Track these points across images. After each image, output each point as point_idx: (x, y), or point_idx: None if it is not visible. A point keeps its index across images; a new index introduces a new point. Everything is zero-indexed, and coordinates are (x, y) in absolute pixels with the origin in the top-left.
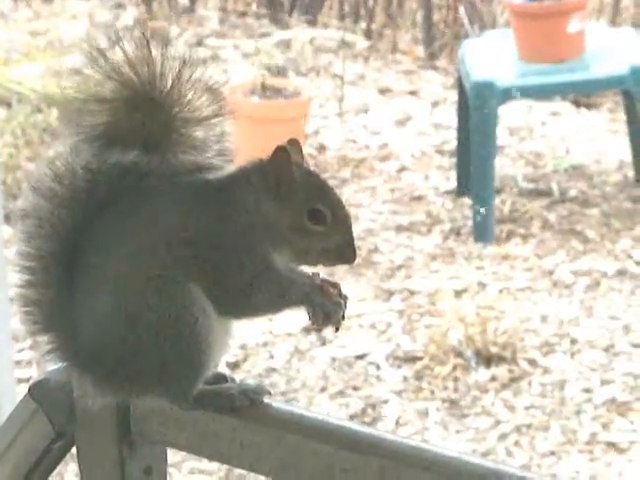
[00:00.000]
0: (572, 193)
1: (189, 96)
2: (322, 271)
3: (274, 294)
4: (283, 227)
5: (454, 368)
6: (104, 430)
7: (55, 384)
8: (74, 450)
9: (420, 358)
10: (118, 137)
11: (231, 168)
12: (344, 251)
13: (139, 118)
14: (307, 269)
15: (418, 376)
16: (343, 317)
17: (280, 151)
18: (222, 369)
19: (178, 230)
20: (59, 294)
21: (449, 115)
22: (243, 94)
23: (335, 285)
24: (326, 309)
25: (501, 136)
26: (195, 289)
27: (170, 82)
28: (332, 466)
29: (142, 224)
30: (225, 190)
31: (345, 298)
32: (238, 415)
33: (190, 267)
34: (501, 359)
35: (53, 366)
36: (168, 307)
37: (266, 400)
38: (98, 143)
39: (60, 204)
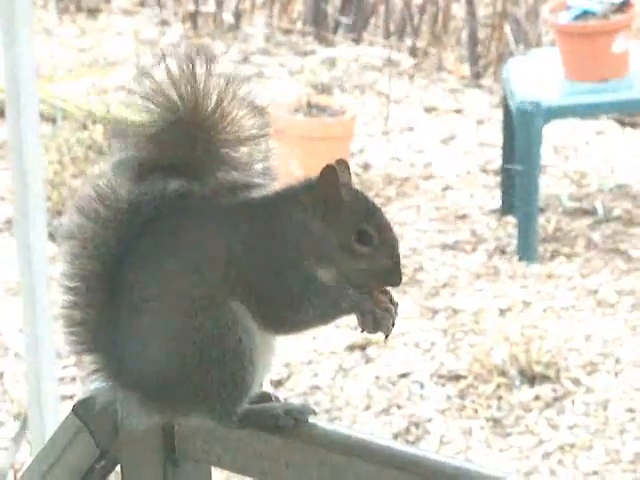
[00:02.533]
0: (616, 212)
1: (233, 114)
2: None
3: (324, 305)
4: (330, 247)
5: (498, 387)
6: (148, 449)
7: (100, 403)
8: (117, 469)
9: (464, 377)
10: (162, 164)
11: (278, 187)
12: (390, 273)
13: (182, 145)
14: None
15: (462, 395)
16: (393, 324)
17: (328, 171)
18: (266, 387)
19: (223, 249)
20: (103, 314)
21: (494, 134)
22: (288, 112)
23: (386, 292)
24: (376, 315)
25: (546, 155)
26: (239, 308)
27: (214, 101)
28: None
29: (185, 243)
30: (272, 208)
31: (396, 304)
32: (283, 434)
33: (235, 286)
34: (545, 378)
35: (97, 384)
36: (212, 327)
37: (311, 420)
38: (141, 170)
39: (103, 225)
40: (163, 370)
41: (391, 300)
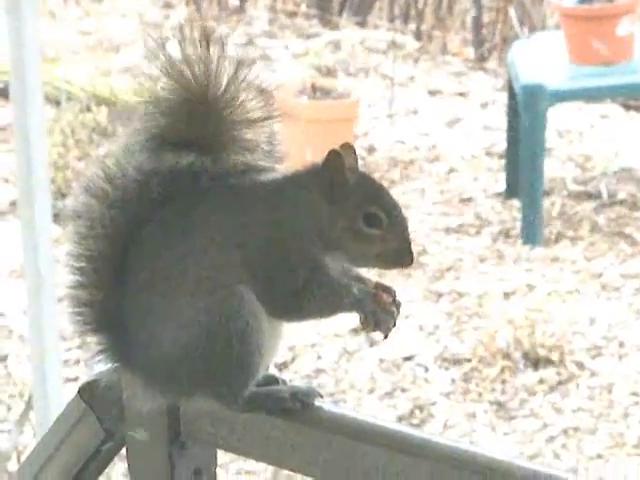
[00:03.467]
0: (621, 196)
1: (242, 97)
2: (373, 271)
3: (325, 299)
4: (338, 231)
5: (502, 370)
6: (154, 431)
7: (105, 385)
8: (123, 451)
9: (468, 360)
10: (173, 139)
11: (284, 171)
12: (401, 255)
13: (194, 120)
14: (362, 272)
15: (466, 378)
16: (394, 325)
17: (333, 155)
18: (271, 370)
19: (230, 233)
20: (110, 295)
21: (498, 117)
22: (293, 95)
23: (390, 291)
24: (377, 316)
25: (550, 138)
26: (246, 291)
27: (225, 82)
28: (382, 469)
29: (194, 226)
30: (278, 193)
31: (399, 305)
32: (289, 417)
33: (242, 270)
34: (549, 362)
35: (103, 367)
36: (219, 309)
37: (317, 403)
38: (153, 144)
39: (111, 205)
40: (169, 352)
41: (394, 300)
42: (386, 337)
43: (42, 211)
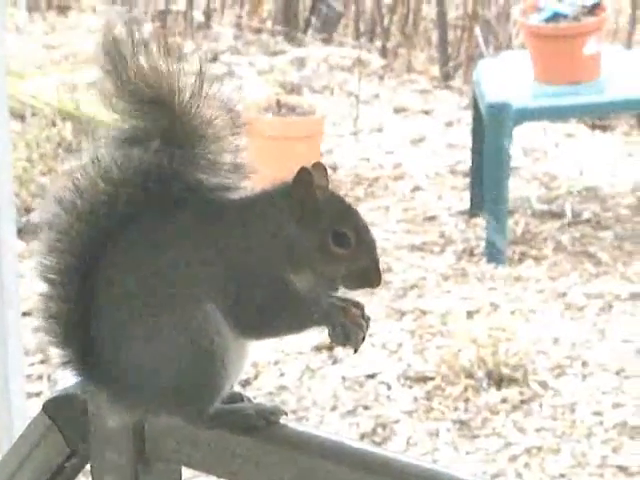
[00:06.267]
0: (585, 215)
1: (205, 113)
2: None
3: (294, 315)
4: (306, 250)
5: (465, 389)
6: (119, 448)
7: (70, 400)
8: (87, 467)
9: (431, 378)
10: (140, 134)
11: (253, 189)
12: (369, 275)
13: (160, 114)
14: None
15: (429, 396)
16: (363, 339)
17: (303, 173)
18: (235, 387)
19: (198, 250)
20: (78, 309)
21: (463, 135)
22: (257, 111)
23: (358, 305)
24: (346, 330)
25: (515, 157)
26: (212, 309)
27: (187, 97)
28: None
29: (162, 243)
30: (247, 211)
31: (368, 319)
32: (254, 435)
33: (209, 287)
34: (512, 381)
35: (68, 382)
36: (184, 327)
37: (282, 421)
38: (121, 145)
39: (79, 218)
40: (134, 368)
41: (363, 315)
42: (356, 351)
43: (6, 226)
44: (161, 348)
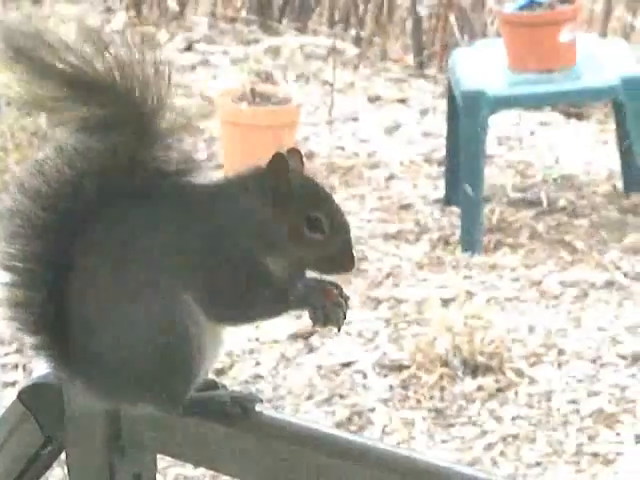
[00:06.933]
0: (561, 203)
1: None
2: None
3: (271, 299)
4: (280, 235)
5: (441, 377)
6: (94, 435)
7: (45, 389)
8: (63, 456)
9: (407, 367)
10: (105, 121)
11: (226, 174)
12: (343, 259)
13: (125, 102)
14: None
15: (404, 385)
16: (344, 317)
17: (277, 158)
18: (209, 376)
19: (170, 237)
20: (48, 297)
21: (438, 124)
22: (232, 100)
23: (336, 286)
24: (326, 310)
25: (490, 145)
26: (186, 296)
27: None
28: (322, 474)
29: (133, 230)
30: (219, 196)
31: (347, 298)
32: (229, 422)
33: (183, 275)
34: (488, 369)
35: (43, 371)
36: (158, 315)
37: (257, 408)
38: (86, 133)
39: (43, 205)
40: (109, 356)
41: (341, 294)
42: (339, 330)
43: None
44: (135, 336)
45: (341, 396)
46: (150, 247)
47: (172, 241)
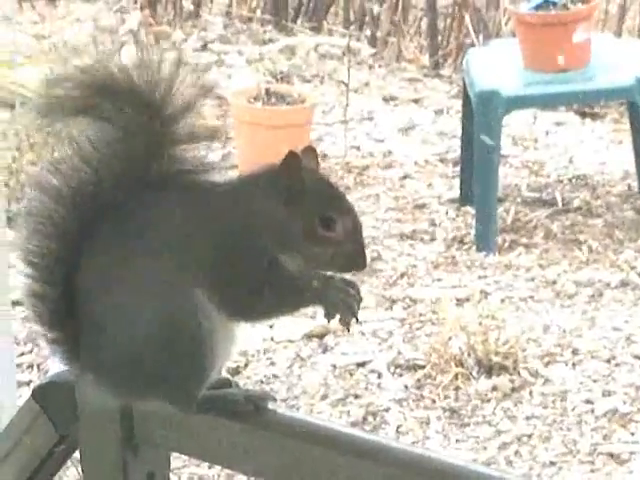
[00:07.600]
0: (576, 203)
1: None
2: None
3: (285, 295)
4: (293, 233)
5: (455, 377)
6: (107, 434)
7: (59, 387)
8: (77, 454)
9: (421, 367)
10: (121, 119)
11: (241, 172)
12: (355, 258)
13: (142, 100)
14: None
15: (419, 385)
16: (358, 308)
17: (291, 157)
18: (222, 374)
19: (185, 234)
20: (63, 293)
21: (453, 123)
22: (247, 100)
23: (353, 285)
24: (341, 307)
25: (505, 145)
26: (199, 293)
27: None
28: (336, 473)
29: (147, 227)
30: (235, 194)
31: (358, 291)
32: (242, 420)
33: (197, 271)
34: (502, 368)
35: (56, 369)
36: (172, 311)
37: (270, 406)
38: (102, 131)
39: (63, 203)
40: (121, 353)
41: (356, 290)
42: (357, 321)
43: None
44: (148, 333)
45: (356, 396)
46: (165, 244)
47: (187, 238)
